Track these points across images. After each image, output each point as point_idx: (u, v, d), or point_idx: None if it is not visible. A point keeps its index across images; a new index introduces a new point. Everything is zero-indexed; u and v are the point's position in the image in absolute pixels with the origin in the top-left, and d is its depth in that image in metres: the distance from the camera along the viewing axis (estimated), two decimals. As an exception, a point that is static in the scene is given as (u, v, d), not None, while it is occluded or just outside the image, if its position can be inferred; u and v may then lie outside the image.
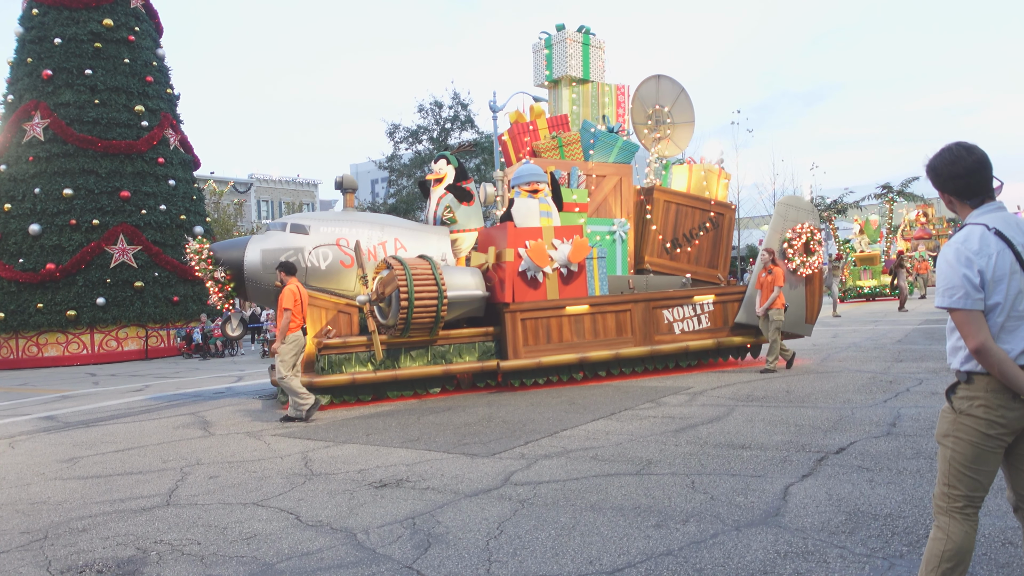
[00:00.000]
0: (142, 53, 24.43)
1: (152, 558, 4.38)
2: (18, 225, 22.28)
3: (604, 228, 12.06)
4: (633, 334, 11.20)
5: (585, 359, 10.79)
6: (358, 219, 11.32)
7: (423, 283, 9.69)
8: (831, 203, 36.66)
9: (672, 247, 12.57)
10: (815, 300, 12.26)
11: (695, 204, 12.74)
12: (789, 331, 11.96)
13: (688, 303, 11.67)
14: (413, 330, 9.87)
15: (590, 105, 12.97)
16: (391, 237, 11.09)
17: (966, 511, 2.68)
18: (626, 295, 11.33)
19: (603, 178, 12.24)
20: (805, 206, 12.48)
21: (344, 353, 9.96)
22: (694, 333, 11.64)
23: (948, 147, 2.74)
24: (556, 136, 12.09)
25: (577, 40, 12.79)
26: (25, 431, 9.76)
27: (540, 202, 11.06)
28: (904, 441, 6.10)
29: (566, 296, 10.87)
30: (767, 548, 3.94)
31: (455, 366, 10.36)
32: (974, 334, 2.57)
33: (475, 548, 4.21)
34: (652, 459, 6.03)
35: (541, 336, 10.69)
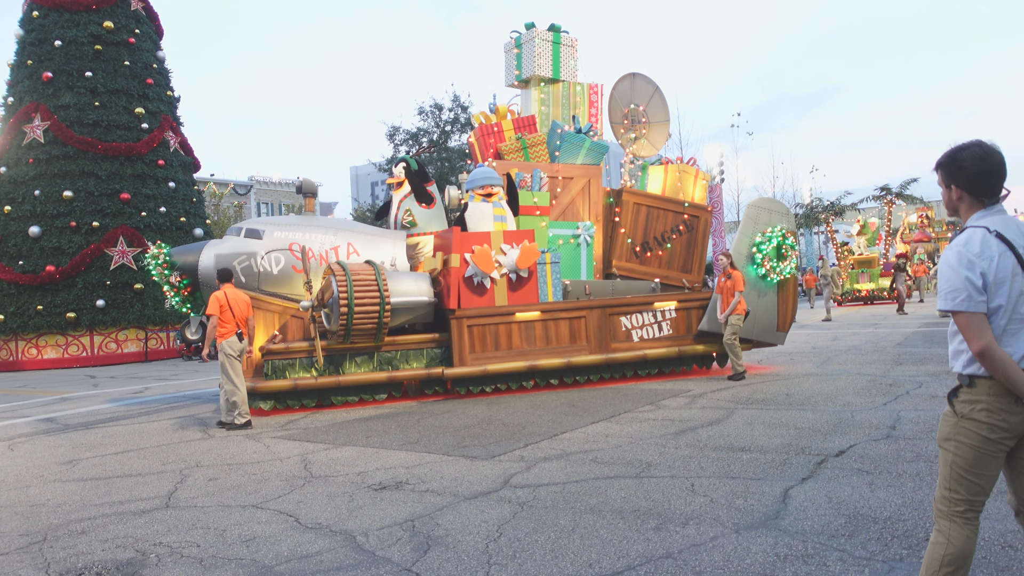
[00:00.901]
0: (142, 55, 24.44)
1: (151, 560, 4.37)
2: (18, 227, 22.27)
3: (568, 231, 11.71)
4: (588, 341, 10.89)
5: (535, 367, 10.50)
6: (312, 224, 11.27)
7: (364, 289, 9.61)
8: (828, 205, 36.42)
9: (642, 251, 12.18)
10: (788, 307, 11.73)
11: (668, 206, 12.31)
12: (759, 339, 11.57)
13: (648, 310, 11.30)
14: (355, 336, 9.84)
15: (561, 105, 12.69)
16: (344, 242, 11.06)
17: (967, 515, 2.68)
18: (581, 301, 11.02)
19: (570, 180, 11.93)
20: (778, 208, 12.02)
21: (288, 359, 9.96)
22: (654, 341, 11.27)
23: (976, 142, 2.71)
24: (520, 137, 11.84)
25: (547, 39, 12.52)
26: (24, 433, 9.76)
27: (494, 206, 10.90)
28: (904, 444, 6.09)
29: (515, 302, 10.62)
30: (767, 551, 3.93)
31: (400, 372, 10.22)
32: (977, 337, 2.56)
33: (474, 551, 4.21)
34: (652, 462, 6.02)
35: (489, 343, 10.47)
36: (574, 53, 12.86)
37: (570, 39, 12.78)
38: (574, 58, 12.85)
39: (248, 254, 10.60)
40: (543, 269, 10.82)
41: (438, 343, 10.46)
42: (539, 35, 12.44)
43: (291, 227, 11.03)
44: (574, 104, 12.78)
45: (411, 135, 38.27)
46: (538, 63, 12.40)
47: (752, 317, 11.22)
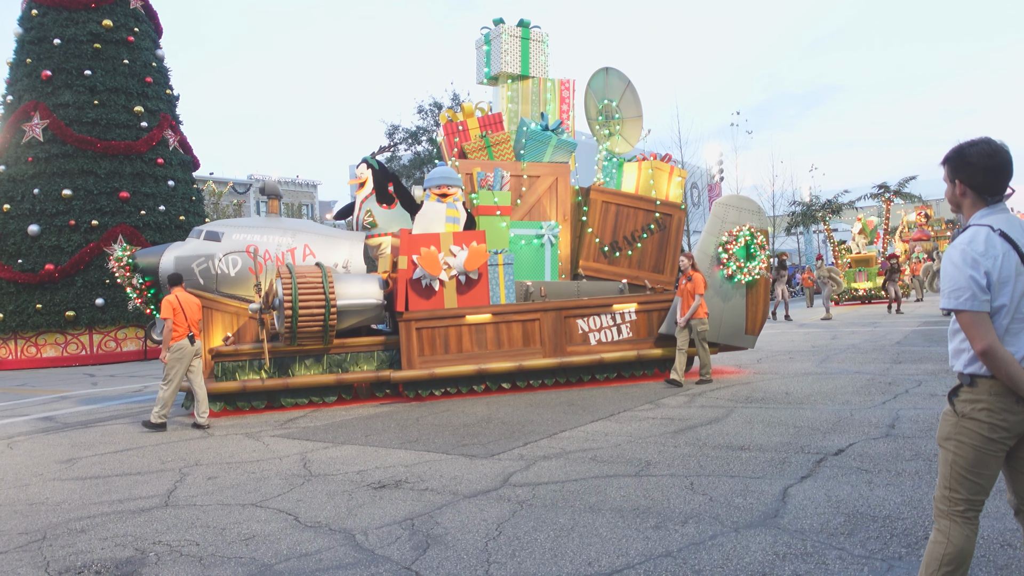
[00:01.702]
0: (141, 54, 24.39)
1: (151, 559, 4.37)
2: (17, 226, 22.23)
3: (531, 231, 11.37)
4: (542, 345, 10.61)
5: (484, 370, 10.27)
6: (271, 226, 11.27)
7: (309, 292, 9.61)
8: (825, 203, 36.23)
9: (611, 250, 11.81)
10: (758, 309, 11.28)
11: (638, 204, 11.93)
12: (726, 343, 11.23)
13: (606, 312, 10.95)
14: (301, 338, 9.81)
15: (530, 102, 12.35)
16: (301, 244, 11.05)
17: (967, 514, 2.68)
18: (535, 303, 10.71)
19: (537, 179, 11.59)
20: (749, 206, 11.56)
21: (238, 361, 10.02)
22: (612, 344, 10.94)
23: (984, 139, 2.71)
24: (484, 136, 11.57)
25: (515, 35, 12.14)
26: (24, 432, 9.75)
27: (448, 207, 10.77)
28: (903, 443, 6.09)
29: (465, 304, 10.41)
30: (766, 549, 3.93)
31: (349, 375, 10.16)
32: (981, 336, 2.56)
33: (474, 549, 4.21)
34: (651, 460, 6.02)
35: (438, 346, 10.30)
36: (544, 48, 12.45)
37: (540, 34, 12.40)
38: (544, 54, 12.43)
39: (207, 256, 10.72)
40: (495, 271, 10.53)
41: (387, 346, 10.36)
42: (507, 31, 12.05)
43: (250, 229, 11.11)
44: (544, 101, 12.43)
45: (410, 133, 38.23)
46: (506, 60, 12.05)
47: (718, 320, 10.95)
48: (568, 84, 12.64)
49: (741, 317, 11.20)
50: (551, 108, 12.47)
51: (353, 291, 10.19)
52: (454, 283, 10.40)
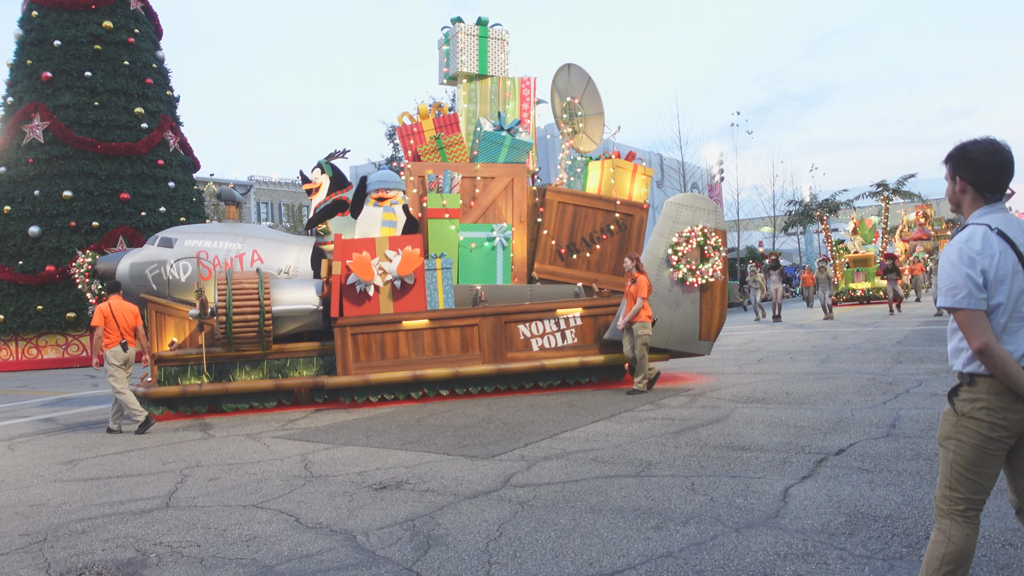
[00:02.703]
0: (142, 55, 24.42)
1: (152, 560, 4.37)
2: (18, 227, 22.26)
3: (482, 234, 11.03)
4: (481, 351, 10.33)
5: (419, 377, 10.09)
6: (222, 232, 11.34)
7: (243, 298, 9.71)
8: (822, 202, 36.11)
9: (568, 253, 11.39)
10: (714, 313, 10.81)
11: (597, 204, 11.49)
12: (678, 349, 10.82)
13: (550, 317, 10.58)
14: (237, 343, 9.93)
15: (489, 101, 11.99)
16: (250, 249, 11.03)
17: (967, 514, 2.68)
18: (473, 308, 10.46)
19: (492, 180, 11.26)
20: (704, 205, 11.07)
21: (180, 365, 10.17)
22: (556, 350, 10.57)
23: (987, 138, 2.72)
24: (437, 138, 11.35)
25: (472, 33, 11.79)
26: (25, 433, 9.76)
27: (384, 211, 10.69)
28: (904, 442, 6.09)
29: (401, 310, 10.23)
30: (767, 550, 3.93)
31: (288, 381, 10.17)
32: (978, 334, 2.56)
33: (475, 550, 4.21)
34: (652, 461, 6.02)
35: (374, 352, 10.16)
36: (504, 47, 12.05)
37: (500, 32, 12.03)
38: (504, 52, 12.04)
39: (159, 262, 10.84)
40: (432, 275, 10.30)
41: (326, 352, 10.33)
42: (464, 30, 11.74)
43: (202, 235, 11.19)
44: (503, 100, 12.03)
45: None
46: (462, 59, 11.74)
47: (668, 325, 10.57)
48: (528, 82, 12.22)
49: (694, 322, 10.76)
50: (511, 107, 12.08)
51: (290, 297, 10.23)
52: (389, 288, 10.23)
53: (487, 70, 11.96)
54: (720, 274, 10.73)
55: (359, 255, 10.09)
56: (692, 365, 12.51)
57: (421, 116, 11.66)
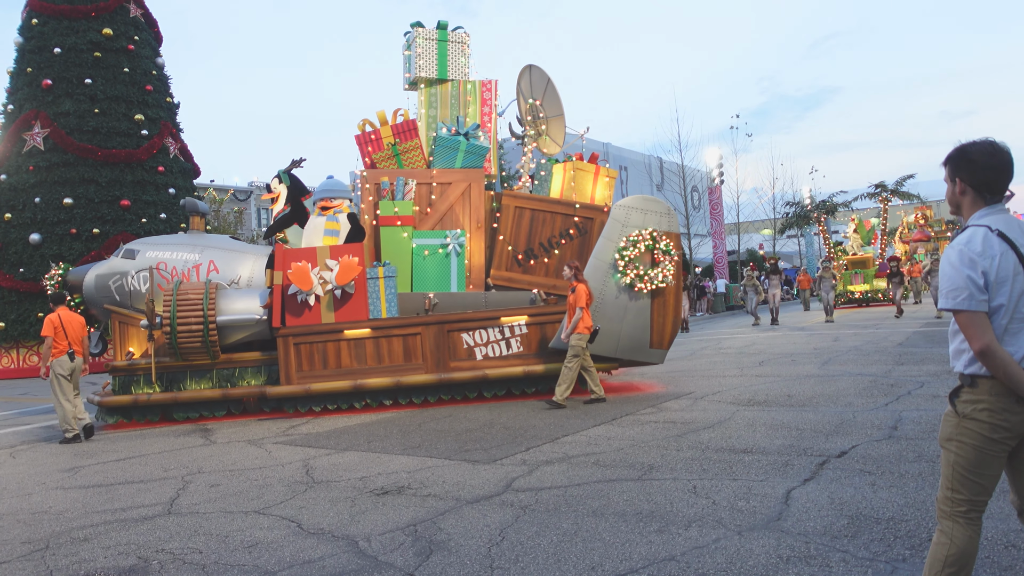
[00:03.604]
0: (142, 62, 24.46)
1: (154, 567, 4.37)
2: (18, 235, 22.28)
3: (435, 241, 10.83)
4: (424, 360, 10.16)
5: (360, 386, 10.01)
6: (182, 243, 11.54)
7: (188, 309, 9.88)
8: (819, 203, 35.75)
9: (525, 258, 11.09)
10: (666, 320, 10.32)
11: (555, 209, 11.17)
12: (628, 358, 10.39)
13: (494, 325, 10.29)
14: (184, 353, 10.09)
15: (449, 106, 11.85)
16: (207, 260, 11.21)
17: (969, 515, 2.68)
18: (415, 317, 10.30)
19: (448, 185, 11.10)
20: (655, 208, 10.47)
21: (133, 375, 10.35)
22: (500, 359, 10.29)
23: (986, 140, 2.73)
24: (393, 144, 11.27)
25: (431, 37, 11.70)
26: (26, 440, 9.76)
27: (328, 220, 10.70)
28: (906, 444, 6.09)
29: (342, 319, 10.15)
30: (769, 552, 3.93)
31: (235, 390, 10.27)
32: (979, 336, 2.56)
33: (477, 555, 4.20)
34: (654, 464, 6.02)
35: (317, 362, 10.14)
36: (465, 50, 11.91)
37: (460, 36, 11.89)
38: (465, 55, 11.92)
39: (121, 273, 11.16)
40: (375, 284, 10.18)
41: (270, 361, 10.38)
42: (423, 34, 11.66)
43: (162, 246, 11.43)
44: (464, 104, 11.88)
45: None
46: (420, 64, 11.65)
47: (616, 333, 10.18)
48: (489, 85, 12.07)
49: (645, 330, 10.28)
50: (472, 111, 11.89)
51: (237, 307, 10.34)
52: (330, 298, 10.19)
53: (447, 74, 11.82)
54: (672, 279, 10.22)
55: (298, 265, 10.10)
56: (693, 367, 12.51)
57: (380, 123, 11.53)
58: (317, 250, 10.23)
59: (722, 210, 40.23)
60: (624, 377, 12.04)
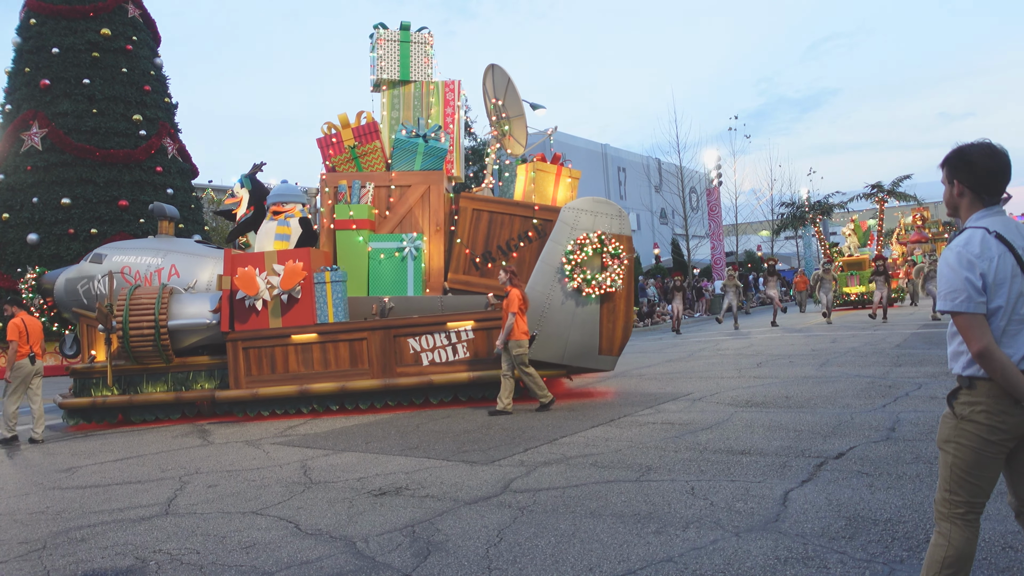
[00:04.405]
0: (140, 62, 24.47)
1: (151, 568, 4.36)
2: (16, 235, 22.26)
3: (392, 245, 10.71)
4: (370, 365, 10.06)
5: (306, 391, 9.98)
6: (146, 247, 11.67)
7: (140, 313, 10.05)
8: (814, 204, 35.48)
9: (483, 261, 10.83)
10: (616, 326, 10.06)
11: (514, 211, 10.88)
12: (575, 364, 10.14)
13: (441, 330, 10.10)
14: (138, 356, 10.22)
15: (412, 108, 11.70)
16: (169, 264, 11.31)
17: (967, 517, 2.68)
18: (361, 322, 10.19)
19: (408, 188, 10.97)
20: (606, 210, 10.16)
21: (92, 377, 10.54)
22: (446, 365, 10.10)
23: (985, 141, 2.73)
24: (352, 147, 11.18)
25: (393, 39, 11.60)
26: (24, 441, 9.74)
27: (279, 224, 10.69)
28: (904, 446, 6.09)
29: (289, 324, 10.13)
30: (767, 554, 3.93)
31: (188, 393, 10.35)
32: (977, 338, 2.56)
33: (475, 556, 4.20)
34: (651, 465, 6.02)
35: (265, 366, 10.14)
36: (428, 50, 11.78)
37: (423, 37, 11.73)
38: (428, 55, 11.77)
39: (88, 278, 11.36)
40: (322, 288, 10.10)
41: (223, 365, 10.42)
42: (385, 36, 11.57)
43: (127, 251, 11.58)
44: (427, 105, 11.71)
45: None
46: (383, 66, 11.54)
47: (564, 338, 9.94)
48: (452, 86, 11.86)
49: (594, 336, 10.03)
50: (435, 112, 11.72)
51: (189, 311, 10.45)
52: (277, 302, 10.17)
53: (409, 75, 11.70)
54: (621, 284, 9.95)
55: (243, 269, 10.13)
56: (691, 368, 12.52)
57: (341, 125, 11.42)
58: (265, 254, 10.26)
59: (720, 211, 40.20)
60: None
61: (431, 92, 11.79)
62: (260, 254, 10.27)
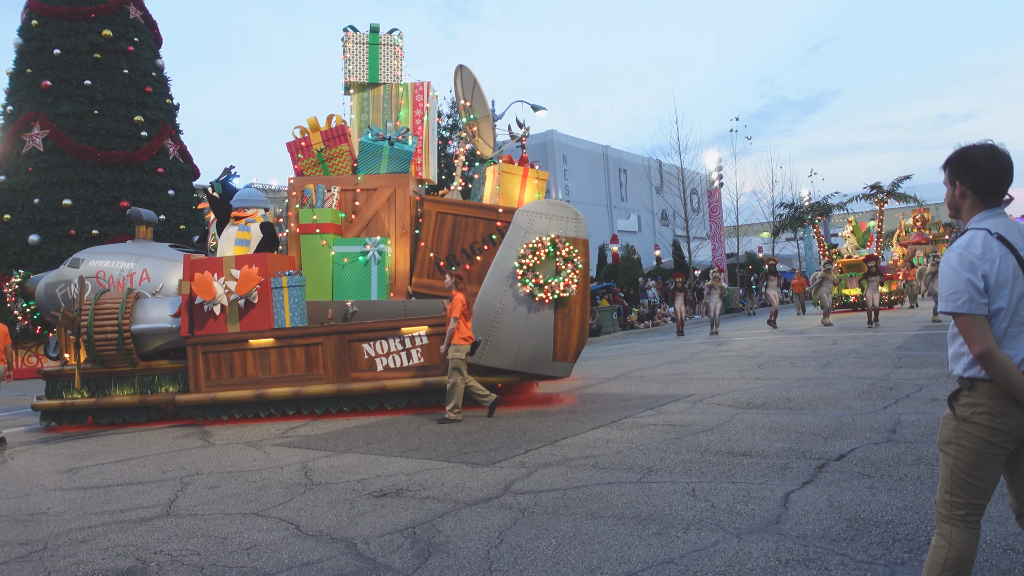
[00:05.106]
0: (141, 63, 24.49)
1: (152, 569, 4.36)
2: (17, 235, 22.27)
3: (355, 249, 10.68)
4: (326, 370, 10.04)
5: (263, 396, 10.00)
6: (123, 252, 11.79)
7: (103, 317, 10.22)
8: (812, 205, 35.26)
9: (447, 265, 10.75)
10: (571, 332, 9.77)
11: (478, 214, 10.79)
12: (529, 371, 9.88)
13: (395, 336, 10.00)
14: (104, 360, 10.40)
15: (382, 110, 11.70)
16: (140, 269, 11.41)
17: (968, 519, 2.68)
18: (316, 327, 10.19)
19: (374, 191, 10.96)
20: (561, 212, 9.89)
21: (62, 380, 10.76)
22: (400, 370, 10.01)
23: (986, 143, 2.73)
24: (319, 152, 11.18)
25: (362, 41, 11.60)
26: (24, 442, 9.75)
27: (239, 229, 10.76)
28: (905, 447, 6.09)
29: (247, 328, 10.16)
30: (768, 556, 3.93)
31: (152, 397, 10.50)
32: (978, 339, 2.56)
33: (476, 557, 4.20)
34: (652, 467, 6.02)
35: (224, 370, 10.21)
36: (398, 52, 11.72)
37: (392, 39, 11.70)
38: (398, 57, 11.71)
39: (66, 282, 11.52)
40: (279, 293, 10.12)
41: (183, 370, 10.50)
42: (353, 39, 11.58)
43: (103, 256, 11.72)
44: (396, 107, 11.65)
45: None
46: (351, 69, 11.56)
47: (516, 344, 9.68)
48: (421, 88, 11.77)
49: (547, 342, 9.73)
50: (404, 114, 11.67)
51: (152, 315, 10.55)
52: (234, 307, 10.22)
53: (378, 78, 11.65)
54: (575, 289, 9.67)
55: (200, 274, 10.20)
56: (692, 370, 12.52)
57: (311, 129, 11.36)
58: (223, 259, 10.35)
59: (721, 213, 40.24)
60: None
61: (400, 94, 11.74)
62: (219, 259, 10.40)
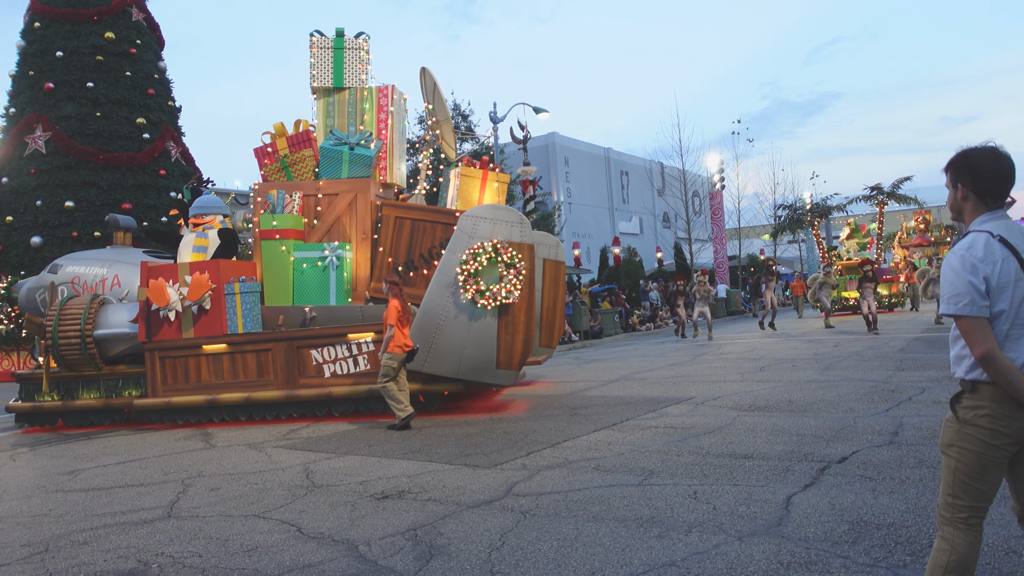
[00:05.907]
0: (143, 66, 24.51)
1: (153, 571, 4.37)
2: (20, 238, 22.30)
3: (314, 254, 10.64)
4: (275, 376, 10.10)
5: (215, 401, 10.13)
6: (99, 258, 12.03)
7: (67, 323, 10.49)
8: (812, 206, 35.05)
9: (406, 270, 10.64)
10: (515, 339, 9.56)
11: (436, 218, 10.67)
12: (471, 378, 9.68)
13: (342, 342, 9.99)
14: (69, 364, 10.69)
15: (347, 115, 11.60)
16: (112, 274, 11.58)
17: (970, 521, 2.67)
18: (266, 333, 10.20)
19: (335, 196, 10.92)
20: (506, 217, 9.74)
21: (36, 383, 11.07)
22: (347, 377, 9.98)
23: (988, 145, 2.73)
24: (282, 157, 11.14)
25: (327, 46, 11.50)
26: (26, 444, 9.76)
27: (197, 236, 10.84)
28: (907, 450, 6.08)
29: (201, 334, 10.27)
30: (770, 558, 3.92)
31: (115, 400, 10.74)
32: (980, 341, 2.56)
33: (477, 559, 4.20)
34: (654, 469, 6.01)
35: (180, 375, 10.36)
36: (364, 56, 11.67)
37: (358, 43, 11.60)
38: (363, 62, 11.65)
39: (44, 287, 11.82)
40: (232, 299, 10.19)
41: (143, 375, 10.67)
42: (318, 43, 11.50)
43: (79, 262, 12.00)
44: (361, 111, 11.57)
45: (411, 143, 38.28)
46: (315, 73, 11.50)
47: (459, 352, 9.46)
48: (386, 91, 11.65)
49: (490, 349, 9.52)
50: (368, 119, 11.55)
51: (114, 321, 10.76)
52: (189, 313, 10.35)
53: (343, 82, 11.55)
54: (517, 295, 9.46)
55: (154, 281, 10.32)
56: (693, 372, 12.51)
57: (277, 134, 11.32)
58: (179, 266, 10.48)
59: (723, 215, 40.25)
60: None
61: (365, 98, 11.65)
62: (174, 265, 10.53)
